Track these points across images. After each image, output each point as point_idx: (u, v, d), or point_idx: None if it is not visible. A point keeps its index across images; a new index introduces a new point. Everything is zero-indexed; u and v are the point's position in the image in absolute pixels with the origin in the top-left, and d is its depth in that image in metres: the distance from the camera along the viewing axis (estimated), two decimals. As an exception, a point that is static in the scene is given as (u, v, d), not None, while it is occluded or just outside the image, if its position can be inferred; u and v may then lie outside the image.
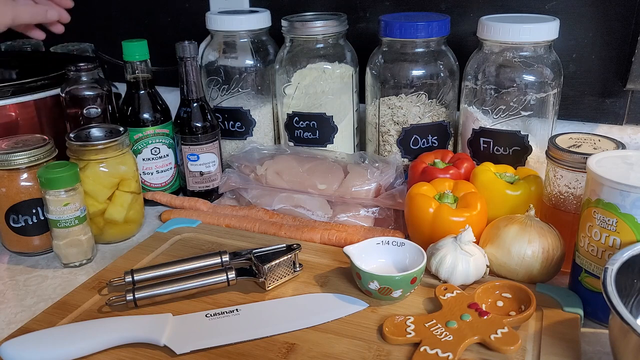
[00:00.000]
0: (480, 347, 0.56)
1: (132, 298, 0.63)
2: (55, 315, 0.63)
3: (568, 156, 0.68)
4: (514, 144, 0.82)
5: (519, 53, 0.79)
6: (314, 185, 0.85)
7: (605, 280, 0.51)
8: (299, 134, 0.94)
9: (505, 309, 0.62)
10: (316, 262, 0.72)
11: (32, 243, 0.80)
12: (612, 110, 0.91)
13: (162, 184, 0.94)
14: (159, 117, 0.91)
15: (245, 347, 0.58)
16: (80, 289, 0.68)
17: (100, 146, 0.78)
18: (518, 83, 0.79)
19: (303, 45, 0.91)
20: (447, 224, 0.70)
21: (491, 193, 0.73)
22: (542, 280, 0.67)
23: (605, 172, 0.57)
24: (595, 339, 0.61)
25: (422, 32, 0.82)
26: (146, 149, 0.91)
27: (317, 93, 0.91)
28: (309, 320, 0.61)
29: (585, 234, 0.61)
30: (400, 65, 0.86)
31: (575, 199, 0.69)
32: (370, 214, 0.83)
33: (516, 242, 0.66)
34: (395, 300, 0.64)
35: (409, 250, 0.68)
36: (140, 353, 0.57)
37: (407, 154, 0.90)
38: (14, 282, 0.75)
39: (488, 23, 0.79)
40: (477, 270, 0.66)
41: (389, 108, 0.87)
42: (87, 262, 0.79)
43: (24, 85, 0.87)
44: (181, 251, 0.76)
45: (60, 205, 0.74)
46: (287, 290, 0.67)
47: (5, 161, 0.75)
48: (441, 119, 0.88)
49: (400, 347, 0.57)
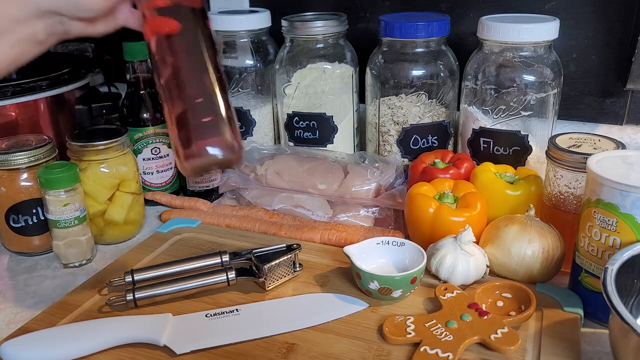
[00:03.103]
0: (480, 347, 0.56)
1: (132, 298, 0.63)
2: (55, 315, 0.63)
3: (568, 156, 0.68)
4: (514, 144, 0.82)
5: (519, 53, 0.79)
6: (314, 185, 0.85)
7: (605, 280, 0.51)
8: (299, 134, 0.94)
9: (505, 309, 0.62)
10: (316, 262, 0.72)
11: (32, 243, 0.80)
12: (612, 110, 0.91)
13: (162, 183, 0.94)
14: (159, 117, 0.91)
15: (245, 347, 0.58)
16: (80, 289, 0.68)
17: (100, 147, 0.78)
18: (518, 83, 0.79)
19: (303, 45, 0.91)
20: (447, 224, 0.70)
21: (491, 193, 0.73)
22: (542, 280, 0.67)
23: (605, 172, 0.57)
24: (595, 339, 0.61)
25: (422, 32, 0.82)
26: (146, 148, 0.91)
27: (317, 93, 0.91)
28: (309, 320, 0.61)
29: (585, 234, 0.61)
30: (400, 65, 0.86)
31: (575, 199, 0.69)
32: (370, 214, 0.83)
33: (516, 242, 0.66)
34: (395, 300, 0.64)
35: (409, 250, 0.68)
36: (140, 353, 0.57)
37: (407, 154, 0.90)
38: (14, 282, 0.75)
39: (488, 23, 0.79)
40: (477, 270, 0.66)
41: (389, 108, 0.87)
42: (87, 263, 0.79)
43: (24, 85, 0.87)
44: (181, 251, 0.76)
45: (60, 206, 0.74)
46: (287, 290, 0.67)
47: (5, 161, 0.75)
48: (441, 119, 0.88)
49: (400, 347, 0.57)
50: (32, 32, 0.54)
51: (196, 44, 0.55)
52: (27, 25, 0.53)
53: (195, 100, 0.54)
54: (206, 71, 0.55)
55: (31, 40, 0.55)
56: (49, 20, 0.54)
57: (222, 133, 0.54)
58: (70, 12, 0.54)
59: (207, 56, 0.55)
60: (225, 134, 0.54)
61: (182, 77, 0.54)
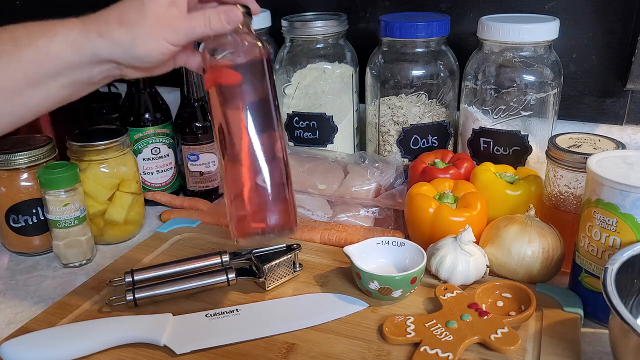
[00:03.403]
0: (480, 347, 0.56)
1: (132, 298, 0.63)
2: (55, 315, 0.63)
3: (568, 156, 0.67)
4: (514, 144, 0.82)
5: (519, 53, 0.79)
6: (314, 185, 0.85)
7: (605, 280, 0.51)
8: (299, 134, 0.94)
9: (505, 309, 0.62)
10: (316, 262, 0.72)
11: (32, 243, 0.80)
12: (612, 110, 0.91)
13: (162, 183, 0.94)
14: (159, 117, 0.91)
15: (245, 347, 0.58)
16: (80, 289, 0.68)
17: (101, 147, 0.78)
18: (518, 83, 0.79)
19: (303, 45, 0.91)
20: (447, 224, 0.70)
21: (491, 193, 0.73)
22: (542, 280, 0.67)
23: (605, 172, 0.57)
24: (595, 339, 0.61)
25: (422, 32, 0.82)
26: (146, 148, 0.91)
27: (317, 93, 0.91)
28: (309, 320, 0.61)
29: (585, 234, 0.61)
30: (400, 65, 0.86)
31: (575, 199, 0.69)
32: (370, 214, 0.83)
33: (516, 242, 0.66)
34: (395, 300, 0.64)
35: (409, 250, 0.68)
36: (140, 353, 0.57)
37: (407, 154, 0.90)
38: (14, 282, 0.75)
39: (488, 23, 0.79)
40: (477, 270, 0.65)
41: (389, 108, 0.87)
42: (87, 263, 0.79)
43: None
44: (181, 251, 0.76)
45: (60, 206, 0.74)
46: (287, 290, 0.67)
47: (5, 161, 0.75)
48: (441, 119, 0.88)
49: (400, 347, 0.57)
50: (87, 76, 0.53)
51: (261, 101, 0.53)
52: (83, 70, 0.53)
53: (256, 179, 0.52)
54: (268, 136, 0.53)
55: (85, 83, 0.54)
56: (106, 66, 0.53)
57: (279, 215, 0.52)
58: (129, 63, 0.53)
59: (272, 115, 0.53)
60: (280, 214, 0.52)
61: (242, 144, 0.52)
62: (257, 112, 0.54)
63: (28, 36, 0.51)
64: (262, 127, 0.54)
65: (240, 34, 0.55)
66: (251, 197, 0.53)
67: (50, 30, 0.51)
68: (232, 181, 0.54)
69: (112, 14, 0.52)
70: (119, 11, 0.52)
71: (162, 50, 0.52)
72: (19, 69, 0.51)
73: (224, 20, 0.53)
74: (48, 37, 0.51)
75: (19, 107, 0.53)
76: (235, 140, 0.54)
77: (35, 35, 0.51)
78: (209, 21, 0.52)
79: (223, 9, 0.53)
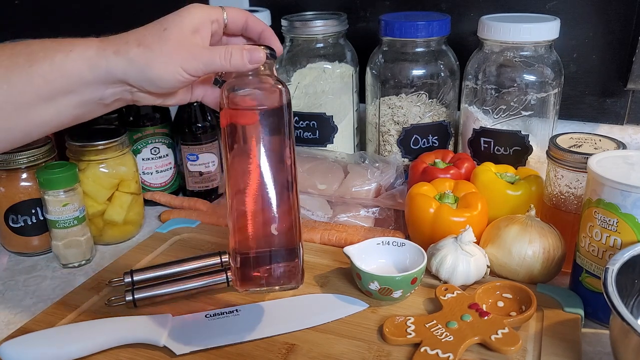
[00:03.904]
0: (480, 347, 0.56)
1: (131, 298, 0.63)
2: (54, 316, 0.63)
3: (569, 156, 0.67)
4: (515, 144, 0.82)
5: (520, 53, 0.79)
6: (314, 185, 0.85)
7: (606, 281, 0.51)
8: (299, 134, 0.94)
9: (506, 310, 0.62)
10: (316, 262, 0.72)
11: (31, 243, 0.80)
12: (613, 110, 0.91)
13: (161, 184, 0.94)
14: (158, 117, 0.91)
15: (245, 347, 0.58)
16: (79, 289, 0.68)
17: (100, 147, 0.78)
18: (519, 83, 0.79)
19: (303, 44, 0.91)
20: (448, 224, 0.69)
21: (492, 193, 0.73)
22: (542, 280, 0.67)
23: (606, 172, 0.57)
24: (596, 339, 0.61)
25: (422, 32, 0.82)
26: (146, 148, 0.90)
27: (317, 93, 0.91)
28: (309, 320, 0.61)
29: (586, 234, 0.61)
30: (400, 64, 0.86)
31: (576, 199, 0.69)
32: (371, 214, 0.83)
33: (517, 242, 0.66)
34: (395, 301, 0.64)
35: (409, 250, 0.68)
36: (139, 353, 0.57)
37: (408, 154, 0.89)
38: (13, 283, 0.75)
39: (488, 23, 0.79)
40: (478, 270, 0.65)
41: (389, 108, 0.87)
42: (86, 263, 0.79)
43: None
44: (181, 251, 0.76)
45: (59, 206, 0.74)
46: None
47: (5, 161, 0.75)
48: (441, 118, 0.88)
49: (401, 348, 0.57)
50: (99, 96, 0.53)
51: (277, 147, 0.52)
52: (96, 89, 0.52)
53: (262, 229, 0.51)
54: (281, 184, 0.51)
55: (96, 103, 0.53)
56: (119, 88, 0.53)
57: (285, 271, 0.51)
58: (142, 86, 0.53)
59: (286, 161, 0.51)
60: (285, 270, 0.51)
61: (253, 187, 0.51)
62: (270, 159, 0.52)
63: (44, 50, 0.50)
64: (275, 174, 0.52)
65: (262, 75, 0.54)
66: (258, 248, 0.52)
67: (67, 47, 0.51)
68: (237, 229, 0.52)
69: (133, 35, 0.52)
70: (140, 33, 0.52)
71: (177, 77, 0.51)
72: (30, 83, 0.50)
73: (246, 58, 0.52)
74: (64, 53, 0.50)
75: (28, 123, 0.51)
76: (245, 183, 0.52)
77: (51, 51, 0.50)
78: (230, 56, 0.52)
79: (247, 47, 0.52)
